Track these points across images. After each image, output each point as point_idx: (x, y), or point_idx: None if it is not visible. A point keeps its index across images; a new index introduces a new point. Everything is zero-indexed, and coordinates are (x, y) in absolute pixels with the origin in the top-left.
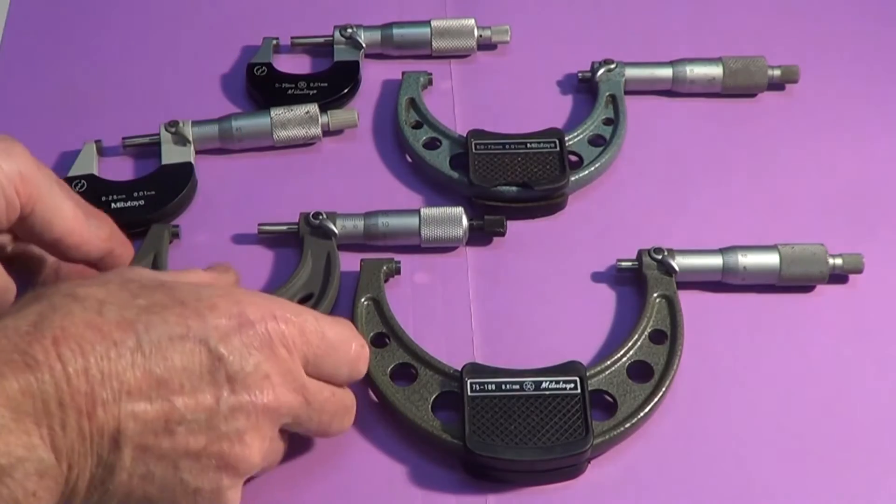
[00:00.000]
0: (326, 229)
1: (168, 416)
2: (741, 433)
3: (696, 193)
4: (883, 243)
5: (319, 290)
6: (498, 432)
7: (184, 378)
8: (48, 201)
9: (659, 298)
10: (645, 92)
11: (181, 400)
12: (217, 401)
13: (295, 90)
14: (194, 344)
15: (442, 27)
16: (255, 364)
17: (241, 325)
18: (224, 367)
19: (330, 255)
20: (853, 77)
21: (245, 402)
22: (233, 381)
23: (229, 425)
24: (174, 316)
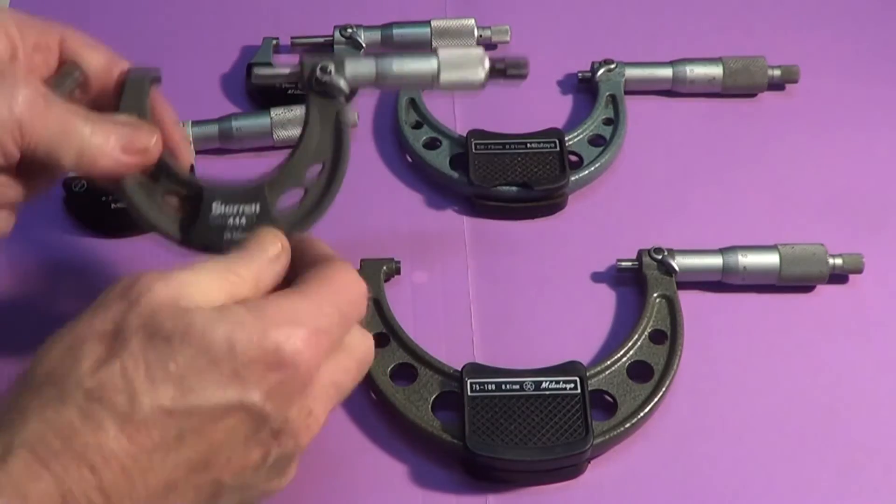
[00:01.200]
0: (336, 87)
1: (216, 492)
2: (741, 433)
3: (696, 193)
4: (883, 243)
5: (332, 159)
6: (498, 432)
7: (228, 451)
8: (51, 142)
9: (659, 298)
10: (645, 92)
11: (227, 474)
12: (265, 457)
13: (295, 90)
14: (236, 412)
15: (442, 27)
16: (299, 408)
17: (280, 368)
18: (269, 425)
19: (339, 117)
20: (853, 77)
21: (291, 446)
22: (279, 435)
23: (278, 467)
24: (211, 385)
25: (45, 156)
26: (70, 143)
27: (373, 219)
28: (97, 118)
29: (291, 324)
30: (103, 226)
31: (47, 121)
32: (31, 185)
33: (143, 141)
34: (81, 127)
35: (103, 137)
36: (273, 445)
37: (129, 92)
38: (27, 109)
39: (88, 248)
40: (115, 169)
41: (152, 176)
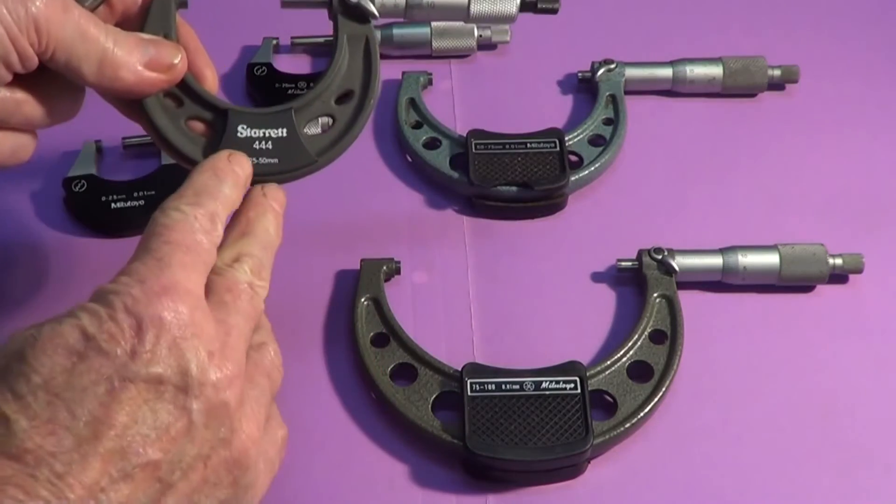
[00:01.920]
0: (365, 10)
1: (155, 475)
2: (741, 433)
3: (696, 193)
4: (883, 243)
5: (361, 86)
6: (498, 432)
7: (144, 428)
8: (71, 48)
9: (659, 298)
10: (645, 92)
11: (154, 451)
12: (189, 421)
13: (295, 90)
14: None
15: (442, 27)
16: (199, 361)
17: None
18: (177, 379)
19: (368, 43)
20: (853, 77)
21: (210, 396)
22: (188, 390)
23: (214, 431)
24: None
25: (64, 63)
26: (90, 50)
27: (373, 219)
28: (120, 32)
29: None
30: (103, 226)
31: (66, 23)
32: (53, 106)
33: (167, 57)
34: (103, 37)
35: (126, 50)
36: (192, 401)
37: (154, 13)
38: (44, 8)
39: (88, 248)
40: (138, 85)
41: (175, 99)
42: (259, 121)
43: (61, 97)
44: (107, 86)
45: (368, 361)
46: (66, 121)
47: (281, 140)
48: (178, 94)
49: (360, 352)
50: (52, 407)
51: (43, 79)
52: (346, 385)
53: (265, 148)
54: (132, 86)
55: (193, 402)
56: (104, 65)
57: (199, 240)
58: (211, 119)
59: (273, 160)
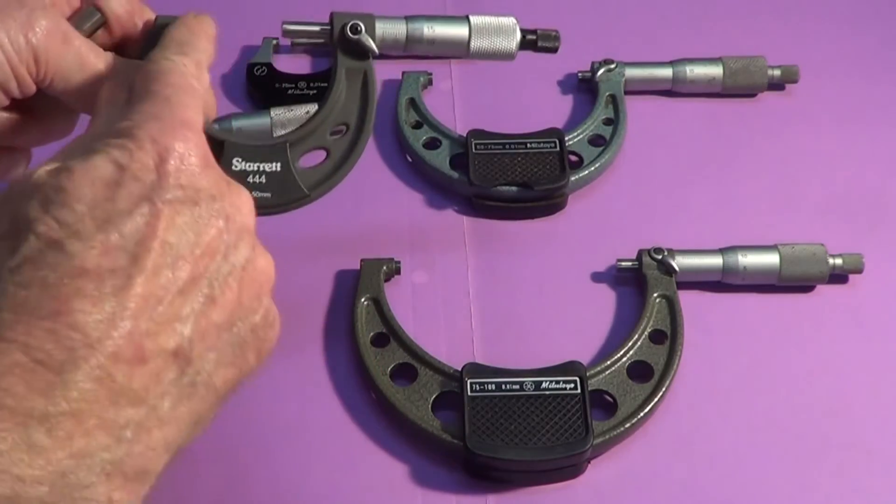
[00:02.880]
0: (365, 47)
1: (200, 288)
2: (741, 433)
3: (696, 193)
4: (883, 243)
5: (357, 120)
6: (498, 432)
7: (186, 244)
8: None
9: (659, 298)
10: (645, 92)
11: (198, 265)
12: (222, 238)
13: (295, 90)
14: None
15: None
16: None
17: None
18: (207, 199)
19: (367, 77)
20: (853, 77)
21: (234, 216)
22: (218, 210)
23: (241, 252)
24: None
25: (61, 91)
26: (87, 80)
27: (373, 219)
28: (119, 62)
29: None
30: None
31: (65, 54)
32: (49, 127)
33: None
34: (101, 67)
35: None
36: (216, 203)
37: (153, 40)
38: (45, 39)
39: None
40: None
41: None
42: (254, 154)
43: (57, 119)
44: None
45: (368, 361)
46: (61, 139)
47: (275, 174)
48: None
49: (360, 352)
50: (101, 230)
51: (39, 101)
52: (346, 385)
53: (259, 182)
54: None
55: (223, 221)
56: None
57: (193, 84)
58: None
59: (266, 194)
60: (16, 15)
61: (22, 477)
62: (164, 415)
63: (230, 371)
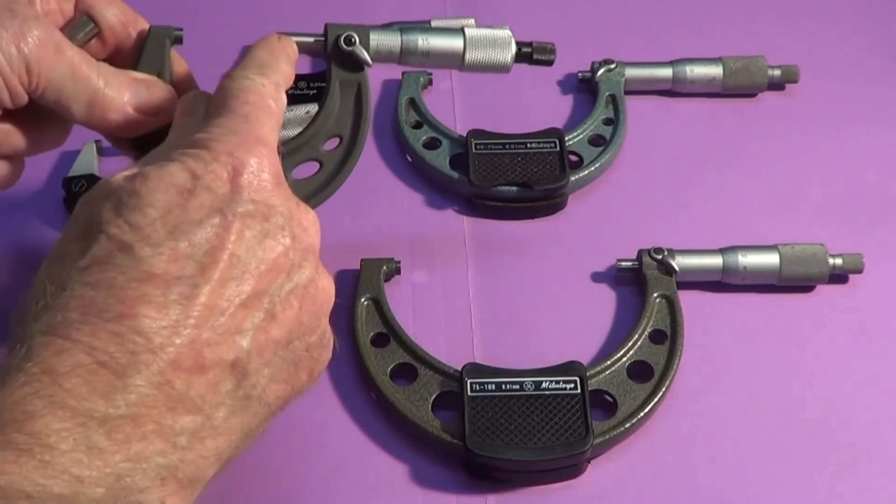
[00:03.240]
0: (359, 58)
1: (262, 304)
2: (741, 433)
3: (696, 193)
4: (883, 243)
5: (351, 132)
6: (498, 432)
7: (254, 258)
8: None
9: (659, 298)
10: (645, 92)
11: (262, 280)
12: (287, 256)
13: (295, 90)
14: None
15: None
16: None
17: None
18: (277, 216)
19: (361, 89)
20: (853, 77)
21: (301, 236)
22: (287, 227)
23: (304, 272)
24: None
25: (54, 101)
26: (80, 90)
27: (373, 219)
28: (111, 71)
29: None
30: None
31: (58, 64)
32: (41, 137)
33: (158, 100)
34: (94, 77)
35: (117, 91)
36: (287, 236)
37: (148, 50)
38: (37, 49)
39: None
40: (127, 126)
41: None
42: None
43: (49, 128)
44: (95, 125)
45: (368, 361)
46: (53, 148)
47: None
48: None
49: (360, 352)
50: (171, 237)
51: (32, 111)
52: (346, 385)
53: None
54: (121, 127)
55: (290, 239)
56: (94, 105)
57: (270, 104)
58: None
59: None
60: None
61: (81, 477)
62: (218, 425)
63: (283, 388)
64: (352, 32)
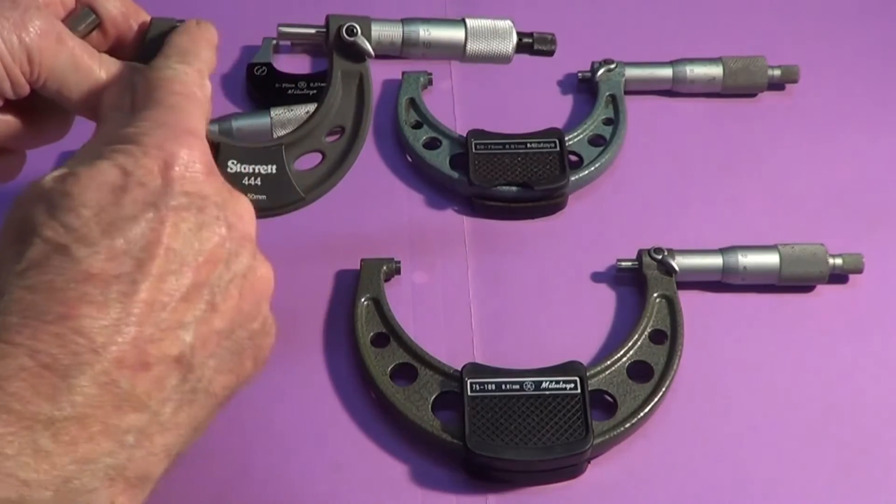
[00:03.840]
0: (361, 49)
1: (202, 295)
2: (741, 433)
3: (696, 193)
4: (883, 243)
5: (353, 123)
6: (498, 432)
7: (191, 250)
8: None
9: (659, 298)
10: (645, 92)
11: (201, 271)
12: (225, 246)
13: (295, 90)
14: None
15: None
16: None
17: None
18: (211, 206)
19: (363, 81)
20: (853, 77)
21: (237, 224)
22: (221, 218)
23: (243, 260)
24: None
25: (55, 91)
26: (82, 80)
27: (373, 219)
28: (112, 62)
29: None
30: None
31: (59, 54)
32: (42, 129)
33: None
34: (96, 68)
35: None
36: (223, 224)
37: (149, 43)
38: (38, 39)
39: None
40: None
41: None
42: (249, 156)
43: (51, 120)
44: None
45: (368, 361)
46: (56, 141)
47: (270, 176)
48: None
49: (360, 352)
50: (107, 235)
51: (33, 103)
52: (346, 385)
53: (254, 184)
54: None
55: (225, 229)
56: (95, 95)
57: (195, 92)
58: None
59: (261, 196)
60: (8, 14)
61: (28, 481)
62: (165, 420)
63: (229, 378)
64: (353, 23)
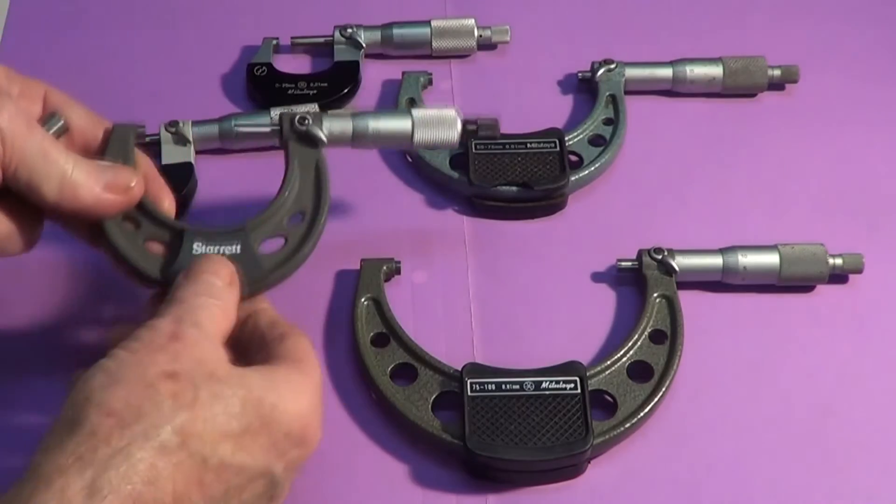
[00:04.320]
0: (313, 137)
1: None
2: (741, 433)
3: (696, 193)
4: (883, 243)
5: (312, 208)
6: (498, 432)
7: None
8: (33, 165)
9: (659, 298)
10: (645, 92)
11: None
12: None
13: (295, 90)
14: (264, 478)
15: (442, 27)
16: (293, 479)
17: (302, 446)
18: (275, 491)
19: (319, 166)
20: (853, 77)
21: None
22: (273, 499)
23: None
24: (258, 450)
25: (26, 181)
26: (51, 170)
27: (373, 219)
28: (79, 157)
29: (314, 407)
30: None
31: (29, 140)
32: (9, 233)
33: (125, 180)
34: (63, 160)
35: (85, 173)
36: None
37: (113, 142)
38: (9, 124)
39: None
40: (96, 205)
41: (134, 221)
42: (214, 238)
43: (21, 222)
44: (66, 206)
45: (368, 361)
46: (19, 254)
47: (235, 256)
48: (136, 217)
49: (360, 352)
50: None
51: (4, 195)
52: (346, 385)
53: None
54: (91, 206)
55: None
56: (64, 185)
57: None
58: (168, 239)
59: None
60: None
61: None
62: None
63: None
64: (305, 114)
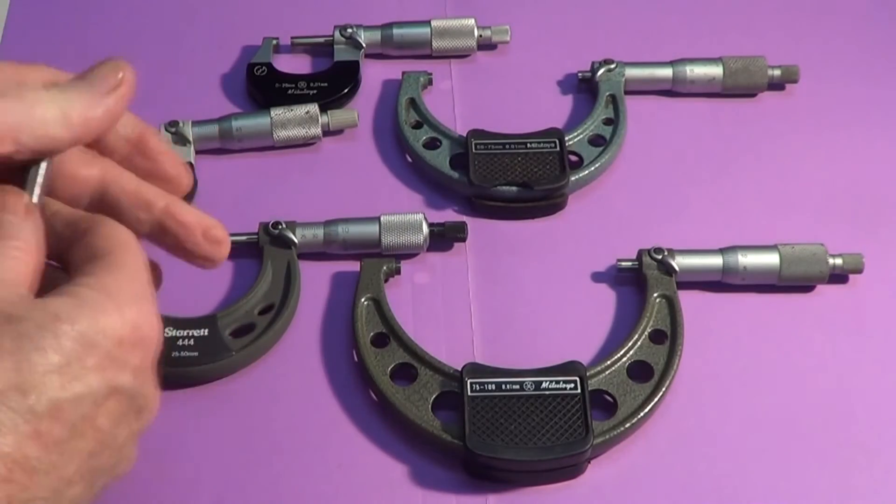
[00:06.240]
0: (286, 239)
1: (96, 479)
2: (741, 433)
3: (696, 193)
4: (883, 243)
5: (280, 301)
6: (498, 432)
7: (110, 436)
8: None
9: (659, 298)
10: (645, 92)
11: (107, 458)
12: (129, 437)
13: (295, 90)
14: (114, 395)
15: (442, 27)
16: (153, 383)
17: (141, 346)
18: (136, 404)
19: (290, 265)
20: (853, 77)
21: (145, 423)
22: (140, 413)
23: (128, 448)
24: (91, 372)
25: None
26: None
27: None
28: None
29: (139, 299)
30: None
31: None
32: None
33: (112, 72)
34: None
35: (77, 99)
36: (135, 424)
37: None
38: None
39: None
40: (104, 115)
41: None
42: (185, 324)
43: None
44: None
45: (368, 361)
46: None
47: (203, 338)
48: None
49: (359, 352)
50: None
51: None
52: (346, 385)
53: (187, 344)
54: (100, 118)
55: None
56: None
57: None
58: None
59: (193, 353)
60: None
61: None
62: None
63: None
64: (279, 221)
